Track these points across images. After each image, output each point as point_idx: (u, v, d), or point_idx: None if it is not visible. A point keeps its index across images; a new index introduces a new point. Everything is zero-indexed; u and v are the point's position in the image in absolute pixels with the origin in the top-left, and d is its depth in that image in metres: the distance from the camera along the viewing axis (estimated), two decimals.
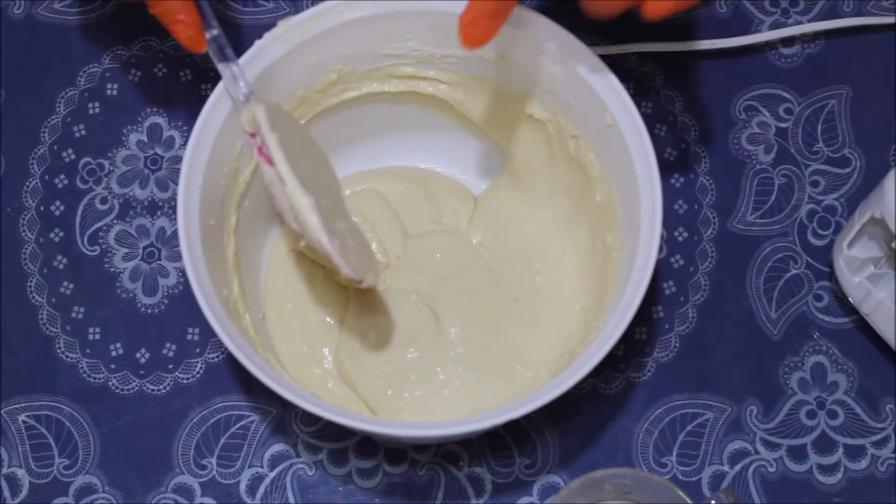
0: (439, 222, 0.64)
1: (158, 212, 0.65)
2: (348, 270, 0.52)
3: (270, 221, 0.63)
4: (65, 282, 0.63)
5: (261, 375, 0.49)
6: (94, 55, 0.68)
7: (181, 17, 0.52)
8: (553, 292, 0.62)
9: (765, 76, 0.68)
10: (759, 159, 0.67)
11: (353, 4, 0.55)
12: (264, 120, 0.51)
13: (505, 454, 0.61)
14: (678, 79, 0.68)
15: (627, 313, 0.49)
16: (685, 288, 0.64)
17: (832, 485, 0.61)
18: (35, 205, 0.65)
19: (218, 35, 0.54)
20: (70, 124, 0.66)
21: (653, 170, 0.52)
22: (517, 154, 0.63)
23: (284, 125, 0.53)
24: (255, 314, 0.59)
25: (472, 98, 0.61)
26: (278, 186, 0.51)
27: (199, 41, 0.53)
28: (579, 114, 0.56)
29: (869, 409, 0.62)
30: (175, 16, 0.52)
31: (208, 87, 0.67)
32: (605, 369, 0.62)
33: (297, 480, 0.60)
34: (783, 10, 0.70)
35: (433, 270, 0.62)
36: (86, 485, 0.60)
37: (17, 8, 0.69)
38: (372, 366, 0.59)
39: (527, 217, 0.64)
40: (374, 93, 0.61)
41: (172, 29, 0.53)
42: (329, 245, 0.50)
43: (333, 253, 0.51)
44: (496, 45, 0.56)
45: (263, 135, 0.51)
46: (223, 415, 0.61)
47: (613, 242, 0.56)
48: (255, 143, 0.52)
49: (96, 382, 0.62)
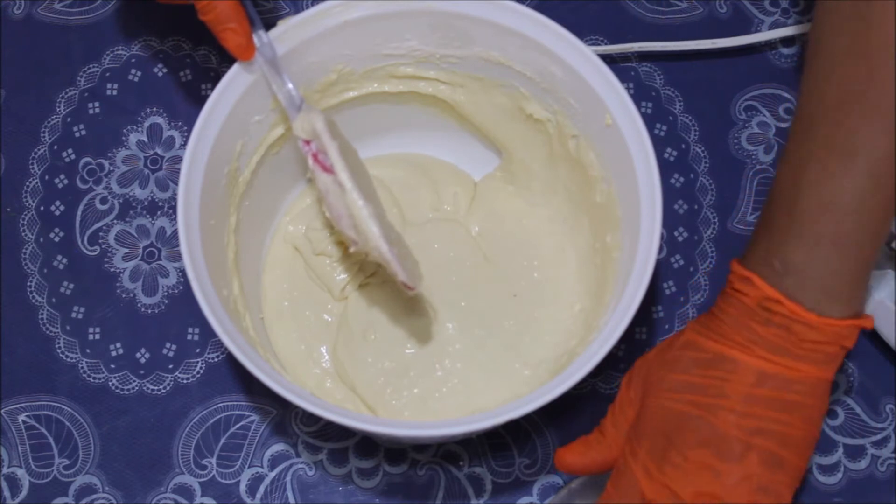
0: (439, 209, 0.64)
1: (158, 212, 0.65)
2: (404, 277, 0.52)
3: (270, 221, 0.63)
4: (65, 282, 0.63)
5: (261, 375, 0.49)
6: (94, 55, 0.68)
7: (232, 26, 0.52)
8: (551, 291, 0.62)
9: (765, 76, 0.69)
10: (759, 159, 0.67)
11: (353, 4, 0.55)
12: (324, 129, 0.52)
13: (505, 454, 0.61)
14: (678, 79, 0.68)
15: (627, 313, 0.49)
16: (685, 288, 0.64)
17: (832, 485, 0.61)
18: (35, 205, 0.65)
19: (268, 43, 0.54)
20: (70, 124, 0.66)
21: (653, 170, 0.52)
22: (516, 154, 0.63)
23: (336, 134, 0.53)
24: (255, 314, 0.59)
25: (472, 98, 0.61)
26: (335, 194, 0.52)
27: (248, 49, 0.53)
28: (579, 114, 0.56)
29: (869, 409, 0.62)
30: (226, 24, 0.52)
31: (208, 87, 0.67)
32: (605, 369, 0.62)
33: (297, 480, 0.60)
34: (783, 10, 0.70)
35: (431, 262, 0.62)
36: (86, 485, 0.60)
37: (17, 8, 0.69)
38: (370, 363, 0.59)
39: (525, 213, 0.64)
40: (374, 93, 0.61)
41: (222, 37, 0.52)
42: (388, 253, 0.51)
43: (392, 260, 0.52)
44: (496, 45, 0.56)
45: (324, 143, 0.52)
46: (223, 415, 0.61)
47: (613, 242, 0.56)
48: (310, 150, 0.53)
49: (96, 382, 0.62)
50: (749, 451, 0.47)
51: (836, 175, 0.47)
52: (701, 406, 0.48)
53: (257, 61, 0.53)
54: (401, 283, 0.53)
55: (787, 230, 0.48)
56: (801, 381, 0.48)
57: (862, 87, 0.46)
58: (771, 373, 0.47)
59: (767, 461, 0.47)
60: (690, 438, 0.48)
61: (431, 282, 0.61)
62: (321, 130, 0.52)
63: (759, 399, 0.47)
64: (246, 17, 0.53)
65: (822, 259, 0.47)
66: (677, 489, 0.47)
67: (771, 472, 0.47)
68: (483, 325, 0.61)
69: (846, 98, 0.47)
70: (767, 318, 0.48)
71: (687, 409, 0.48)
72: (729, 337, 0.49)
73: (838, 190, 0.47)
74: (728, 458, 0.47)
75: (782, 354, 0.47)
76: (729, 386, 0.48)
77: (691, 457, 0.48)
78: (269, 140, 0.58)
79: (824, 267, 0.47)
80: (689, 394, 0.48)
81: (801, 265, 0.47)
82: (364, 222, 0.51)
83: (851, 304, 0.48)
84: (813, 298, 0.47)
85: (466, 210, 0.64)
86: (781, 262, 0.48)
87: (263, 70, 0.54)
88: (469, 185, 0.65)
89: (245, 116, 0.55)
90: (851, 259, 0.47)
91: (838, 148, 0.47)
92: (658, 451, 0.48)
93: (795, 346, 0.47)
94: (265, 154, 0.58)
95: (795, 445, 0.48)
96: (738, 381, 0.48)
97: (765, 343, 0.48)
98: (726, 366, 0.48)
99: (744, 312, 0.48)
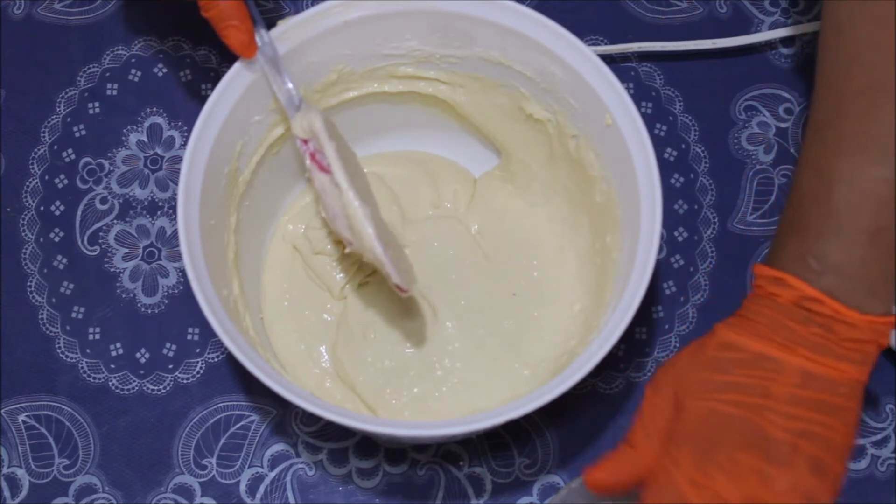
0: (439, 206, 0.64)
1: (158, 212, 0.65)
2: (398, 279, 0.52)
3: (270, 221, 0.63)
4: (65, 282, 0.63)
5: (261, 376, 0.49)
6: (94, 55, 0.68)
7: (234, 23, 0.52)
8: (551, 290, 0.62)
9: (765, 76, 0.69)
10: (759, 159, 0.67)
11: (353, 4, 0.55)
12: (322, 128, 0.52)
13: (505, 454, 0.61)
14: (678, 79, 0.68)
15: (627, 313, 0.49)
16: (685, 288, 0.64)
17: None
18: (35, 205, 0.65)
19: (269, 41, 0.54)
20: (70, 124, 0.66)
21: (653, 170, 0.52)
22: (516, 154, 0.63)
23: (335, 134, 0.54)
24: (255, 314, 0.60)
25: (472, 98, 0.61)
26: (331, 194, 0.52)
27: (250, 47, 0.53)
28: (579, 114, 0.56)
29: (869, 409, 0.62)
30: (228, 21, 0.52)
31: (208, 87, 0.67)
32: (605, 369, 0.62)
33: (297, 480, 0.60)
34: (783, 10, 0.70)
35: (430, 260, 0.62)
36: (86, 485, 0.60)
37: (17, 8, 0.69)
38: (370, 362, 0.59)
39: (525, 212, 0.64)
40: (374, 93, 0.61)
41: (224, 34, 0.52)
42: (383, 254, 0.51)
43: (386, 262, 0.52)
44: (496, 45, 0.56)
45: (321, 142, 0.52)
46: (223, 415, 0.61)
47: (613, 242, 0.56)
48: (308, 150, 0.53)
49: (96, 382, 0.62)
50: (796, 454, 0.45)
51: (869, 167, 0.45)
52: (745, 406, 0.46)
53: (258, 60, 0.53)
54: (394, 285, 0.53)
55: (821, 227, 0.47)
56: (844, 382, 0.46)
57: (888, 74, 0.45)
58: (816, 373, 0.46)
59: (812, 467, 0.45)
60: (737, 440, 0.46)
61: (431, 280, 0.61)
62: (318, 129, 0.52)
63: (805, 400, 0.46)
64: (248, 15, 0.52)
65: (860, 255, 0.46)
66: (726, 494, 0.45)
67: (815, 478, 0.45)
68: (483, 325, 0.61)
69: (875, 85, 0.45)
70: (807, 318, 0.46)
71: (731, 410, 0.46)
72: (768, 337, 0.47)
73: (873, 182, 0.45)
74: (776, 460, 0.45)
75: (825, 354, 0.46)
76: (774, 386, 0.46)
77: (738, 459, 0.45)
78: (269, 140, 0.58)
79: (863, 263, 0.46)
80: (732, 394, 0.46)
81: (840, 262, 0.46)
82: (359, 223, 0.51)
83: (888, 299, 0.47)
84: (853, 296, 0.46)
85: (466, 206, 0.64)
86: (818, 259, 0.46)
87: (264, 69, 0.54)
88: (469, 182, 0.65)
89: (245, 116, 0.55)
90: (888, 253, 0.46)
91: (868, 140, 0.45)
92: (703, 455, 0.46)
93: (837, 346, 0.46)
94: (265, 154, 0.58)
95: (837, 450, 0.46)
96: (784, 382, 0.46)
97: (806, 342, 0.46)
98: (769, 365, 0.46)
99: (781, 313, 0.47)
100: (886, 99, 0.45)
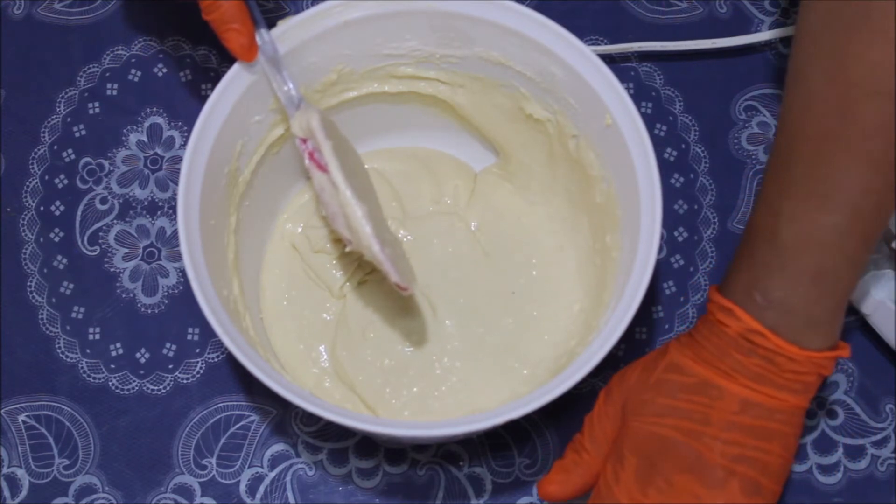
0: (440, 201, 0.64)
1: (158, 212, 0.65)
2: (397, 278, 0.52)
3: (270, 221, 0.63)
4: (65, 282, 0.63)
5: (261, 375, 0.49)
6: (94, 55, 0.68)
7: (235, 26, 0.52)
8: (550, 289, 0.62)
9: (765, 76, 0.69)
10: (759, 159, 0.67)
11: (353, 4, 0.55)
12: (319, 128, 0.52)
13: (505, 454, 0.61)
14: (678, 79, 0.68)
15: (627, 313, 0.49)
16: (685, 288, 0.64)
17: (832, 485, 0.61)
18: (35, 205, 0.65)
19: (269, 41, 0.53)
20: (70, 124, 0.66)
21: (653, 170, 0.52)
22: (516, 155, 0.63)
23: (333, 133, 0.53)
24: (255, 314, 0.60)
25: (472, 98, 0.61)
26: (329, 193, 0.52)
27: (251, 50, 0.53)
28: (579, 114, 0.56)
29: (869, 409, 0.62)
30: (230, 24, 0.52)
31: (208, 87, 0.67)
32: (604, 369, 0.62)
33: (297, 480, 0.60)
34: (783, 10, 0.70)
35: (429, 258, 0.62)
36: (86, 485, 0.60)
37: (17, 8, 0.69)
38: (369, 361, 0.59)
39: (524, 212, 0.64)
40: (374, 93, 0.61)
41: (225, 37, 0.52)
42: (381, 253, 0.51)
43: (384, 260, 0.52)
44: (496, 45, 0.56)
45: (318, 142, 0.52)
46: (223, 415, 0.61)
47: (613, 242, 0.56)
48: (307, 149, 0.53)
49: (96, 382, 0.62)
50: (731, 477, 0.48)
51: (815, 212, 0.47)
52: (686, 432, 0.49)
53: (258, 60, 0.53)
54: (394, 283, 0.53)
55: (768, 263, 0.48)
56: (781, 409, 0.49)
57: (839, 123, 0.46)
58: (754, 401, 0.48)
59: (747, 488, 0.48)
60: (675, 464, 0.48)
61: (430, 278, 0.61)
62: (316, 128, 0.52)
63: (742, 427, 0.48)
64: (249, 18, 0.52)
65: (802, 294, 0.48)
66: None
67: (750, 499, 0.48)
68: (482, 323, 0.61)
69: (823, 134, 0.46)
70: (750, 349, 0.48)
71: (672, 435, 0.49)
72: (714, 364, 0.49)
73: (817, 227, 0.47)
74: (711, 484, 0.48)
75: (764, 383, 0.48)
76: (714, 413, 0.48)
77: (675, 482, 0.48)
78: (269, 140, 0.58)
79: (805, 301, 0.48)
80: (675, 419, 0.49)
81: (783, 299, 0.48)
82: (357, 222, 0.51)
83: (830, 335, 0.49)
84: (794, 332, 0.48)
85: (467, 202, 0.64)
86: (762, 295, 0.48)
87: (264, 68, 0.54)
88: (470, 177, 0.65)
89: (245, 116, 0.55)
90: (831, 293, 0.48)
91: (816, 185, 0.47)
92: (642, 475, 0.49)
93: (777, 376, 0.48)
94: (265, 154, 0.58)
95: (774, 472, 0.49)
96: (723, 409, 0.48)
97: (748, 372, 0.48)
98: (712, 392, 0.49)
99: (727, 342, 0.49)
100: (834, 148, 0.46)
